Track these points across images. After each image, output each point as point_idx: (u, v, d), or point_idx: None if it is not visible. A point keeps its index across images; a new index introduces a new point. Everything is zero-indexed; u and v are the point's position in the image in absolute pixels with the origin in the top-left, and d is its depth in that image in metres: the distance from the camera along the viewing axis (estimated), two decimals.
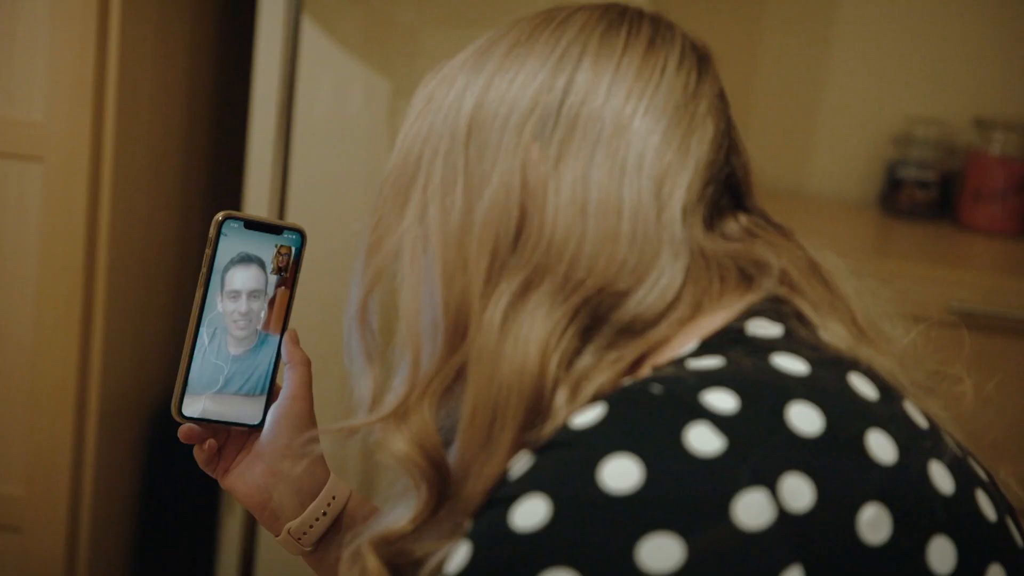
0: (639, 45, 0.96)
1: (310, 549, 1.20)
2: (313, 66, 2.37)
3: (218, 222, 1.15)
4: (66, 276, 2.20)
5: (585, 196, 0.91)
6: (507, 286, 0.90)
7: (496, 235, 0.92)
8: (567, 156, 0.92)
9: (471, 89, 0.96)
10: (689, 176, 0.93)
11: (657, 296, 0.90)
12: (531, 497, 0.79)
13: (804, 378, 0.85)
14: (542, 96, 0.93)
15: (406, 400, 0.94)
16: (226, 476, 1.21)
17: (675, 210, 0.92)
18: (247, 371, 1.19)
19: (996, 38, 2.63)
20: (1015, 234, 2.52)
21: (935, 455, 0.87)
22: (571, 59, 0.94)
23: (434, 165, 0.95)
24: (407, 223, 0.96)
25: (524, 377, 0.88)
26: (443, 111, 0.97)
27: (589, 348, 0.89)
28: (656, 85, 0.94)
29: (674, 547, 0.76)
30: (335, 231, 2.43)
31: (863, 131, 2.69)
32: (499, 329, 0.89)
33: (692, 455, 0.78)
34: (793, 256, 0.96)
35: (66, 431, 2.24)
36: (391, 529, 0.93)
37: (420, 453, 0.92)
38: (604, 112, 0.93)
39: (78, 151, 2.16)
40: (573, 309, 0.89)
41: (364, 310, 1.00)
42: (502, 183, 0.92)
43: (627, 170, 0.91)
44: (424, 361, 0.94)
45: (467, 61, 0.98)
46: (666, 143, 0.93)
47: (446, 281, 0.93)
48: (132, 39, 2.20)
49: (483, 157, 0.93)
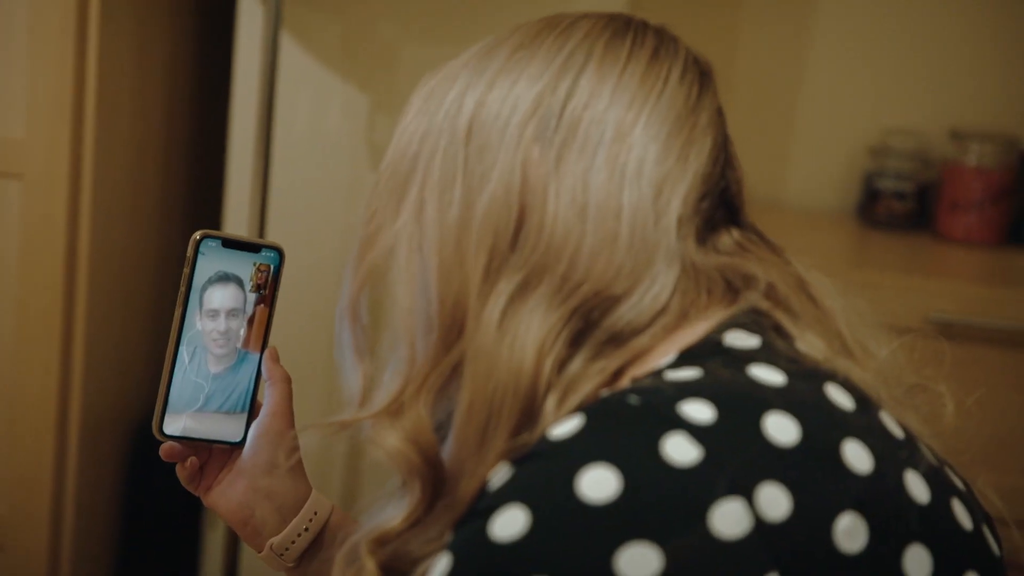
0: (643, 55, 0.96)
1: (292, 565, 1.20)
2: (292, 81, 2.37)
3: (196, 241, 1.16)
4: (46, 293, 2.19)
5: (585, 198, 0.91)
6: (505, 285, 0.91)
7: (495, 233, 0.92)
8: (568, 159, 0.92)
9: (473, 89, 0.96)
10: (687, 186, 0.93)
11: (649, 302, 0.90)
12: (510, 508, 0.79)
13: (781, 389, 0.86)
14: (545, 98, 0.94)
15: (400, 396, 0.94)
16: (208, 493, 1.21)
17: (671, 219, 0.92)
18: (228, 389, 1.20)
19: (972, 49, 2.65)
20: (992, 244, 2.53)
21: (911, 465, 0.87)
22: (575, 64, 0.95)
23: (433, 162, 0.95)
24: (403, 219, 0.96)
25: (520, 378, 0.88)
26: (443, 109, 0.96)
27: (579, 354, 0.89)
28: (659, 95, 0.95)
29: (652, 556, 0.76)
30: (315, 245, 2.44)
31: (840, 142, 2.70)
32: (497, 328, 0.89)
33: (669, 465, 0.79)
34: (781, 272, 0.96)
35: (47, 448, 2.24)
36: (384, 529, 0.93)
37: (414, 449, 0.92)
38: (606, 118, 0.93)
39: (57, 168, 2.16)
40: (569, 312, 0.89)
41: (356, 305, 1.00)
42: (502, 181, 0.92)
43: (627, 175, 0.92)
44: (418, 357, 0.94)
45: (469, 62, 0.98)
46: (666, 152, 0.93)
47: (443, 278, 0.93)
48: (111, 55, 2.20)
49: (483, 155, 0.94)
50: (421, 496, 0.92)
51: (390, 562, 0.93)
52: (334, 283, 2.46)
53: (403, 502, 0.93)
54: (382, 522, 0.94)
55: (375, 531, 0.94)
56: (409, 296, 0.95)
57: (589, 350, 0.89)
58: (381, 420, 0.94)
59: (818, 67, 2.69)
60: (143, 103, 2.40)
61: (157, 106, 2.47)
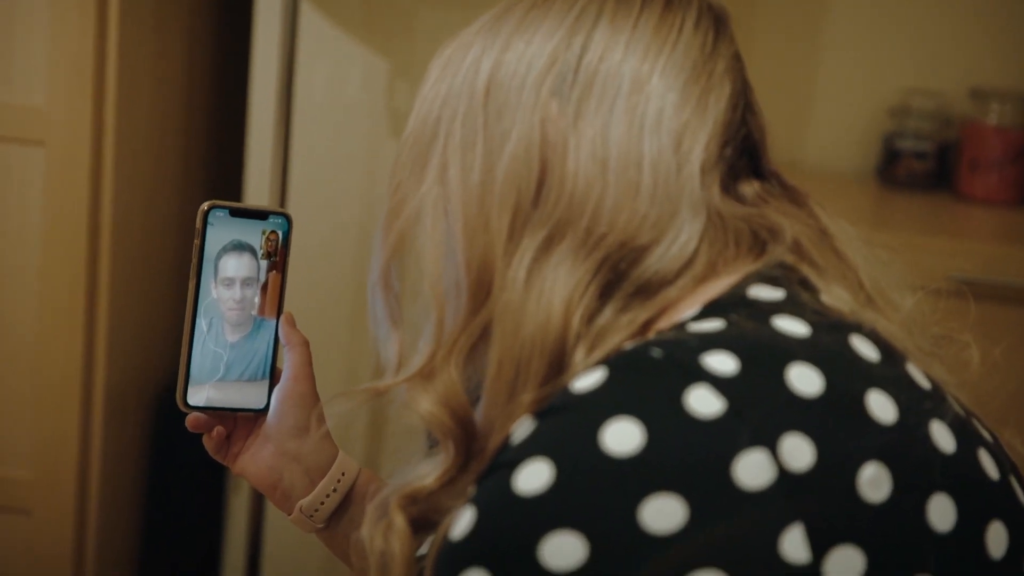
0: (656, 5, 0.96)
1: (322, 526, 1.21)
2: (312, 47, 2.38)
3: (203, 212, 1.17)
4: (70, 261, 2.20)
5: (605, 151, 0.92)
6: (530, 242, 0.91)
7: (517, 191, 0.92)
8: (586, 112, 0.93)
9: (488, 52, 0.96)
10: (707, 134, 0.93)
11: (676, 252, 0.90)
12: (534, 461, 0.80)
13: (805, 340, 0.86)
14: (560, 54, 0.94)
15: (432, 360, 0.94)
16: (236, 461, 1.22)
17: (694, 167, 0.92)
18: (247, 357, 1.20)
19: (991, 8, 2.63)
20: (1013, 203, 2.52)
21: (937, 415, 0.87)
22: (588, 18, 0.95)
23: (453, 126, 0.96)
24: (427, 184, 0.96)
25: (548, 332, 0.88)
26: (461, 74, 0.97)
27: (609, 305, 0.90)
28: (674, 43, 0.95)
29: (676, 507, 0.77)
30: (336, 210, 2.44)
31: (859, 103, 2.69)
32: (523, 285, 0.90)
33: (692, 417, 0.79)
34: (805, 223, 0.96)
35: (72, 415, 2.25)
36: (418, 487, 0.94)
37: (447, 412, 0.92)
38: (622, 69, 0.93)
39: (79, 135, 2.16)
40: (596, 264, 0.90)
41: (387, 274, 1.00)
42: (522, 139, 0.93)
43: (646, 126, 0.92)
44: (448, 320, 0.94)
45: (483, 27, 0.99)
46: (684, 100, 0.93)
47: (468, 239, 0.93)
48: (131, 22, 2.21)
49: (502, 115, 0.94)
50: (455, 456, 0.93)
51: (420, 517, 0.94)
52: (355, 249, 2.47)
53: (437, 461, 0.94)
54: (415, 479, 0.94)
55: (407, 488, 0.94)
56: (436, 260, 0.95)
57: (618, 302, 0.90)
58: (414, 384, 0.94)
59: (837, 28, 2.68)
60: (163, 70, 2.40)
61: (177, 73, 2.47)
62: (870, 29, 2.68)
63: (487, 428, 0.92)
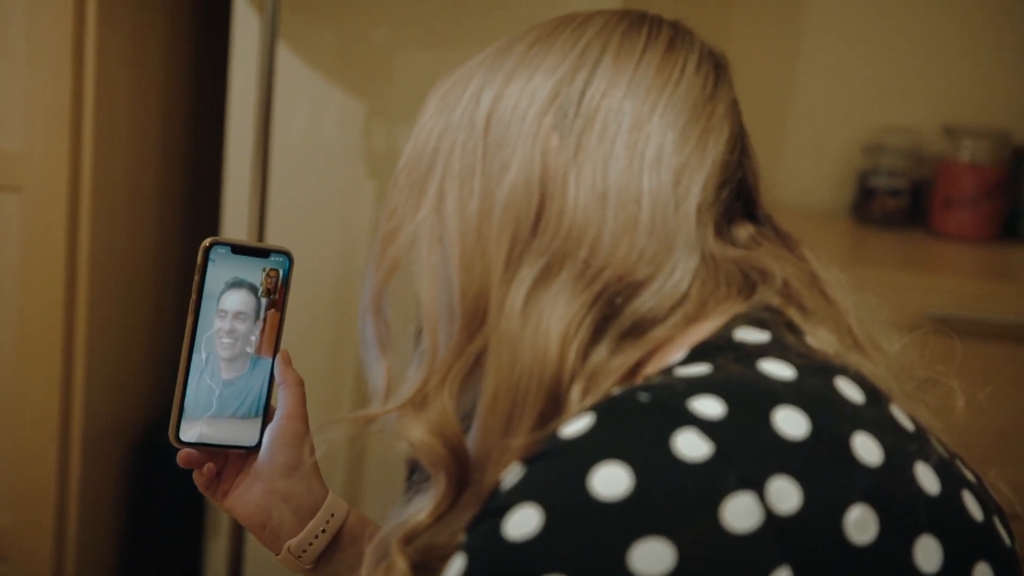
0: (659, 45, 0.97)
1: (310, 567, 1.21)
2: (288, 89, 2.38)
3: (205, 248, 1.16)
4: (47, 304, 2.20)
5: (605, 185, 0.92)
6: (528, 271, 0.91)
7: (516, 220, 0.93)
8: (587, 147, 0.93)
9: (490, 85, 0.97)
10: (705, 174, 0.94)
11: (670, 290, 0.91)
12: (523, 507, 0.80)
13: (790, 383, 0.86)
14: (563, 88, 0.95)
15: (424, 387, 0.94)
16: (226, 498, 1.22)
17: (691, 206, 0.93)
18: (242, 394, 1.20)
19: (963, 46, 2.66)
20: (987, 240, 2.54)
21: (921, 457, 0.88)
22: (592, 56, 0.96)
23: (452, 156, 0.96)
24: (424, 212, 0.97)
25: (545, 364, 0.88)
26: (461, 106, 0.98)
27: (602, 343, 0.90)
28: (676, 84, 0.96)
29: (665, 551, 0.77)
30: (314, 250, 2.44)
31: (834, 141, 2.71)
32: (520, 314, 0.90)
33: (680, 460, 0.79)
34: (795, 267, 0.97)
35: (50, 458, 2.24)
36: (412, 523, 0.93)
37: (439, 441, 0.92)
38: (624, 106, 0.94)
39: (56, 180, 2.16)
40: (593, 297, 0.90)
41: (378, 300, 1.00)
42: (522, 170, 0.93)
43: (646, 163, 0.93)
44: (441, 348, 0.94)
45: (484, 61, 0.99)
46: (684, 140, 0.94)
47: (464, 268, 0.94)
48: (108, 67, 2.21)
49: (502, 146, 0.94)
50: (447, 487, 0.93)
51: (420, 558, 0.93)
52: (333, 287, 2.47)
53: (429, 495, 0.94)
54: (409, 516, 0.94)
55: (403, 527, 0.94)
56: (431, 288, 0.96)
57: (611, 340, 0.90)
58: (406, 412, 0.94)
59: (811, 66, 2.70)
60: (141, 114, 2.40)
61: (154, 116, 2.47)
62: (843, 68, 2.70)
63: (480, 459, 0.91)
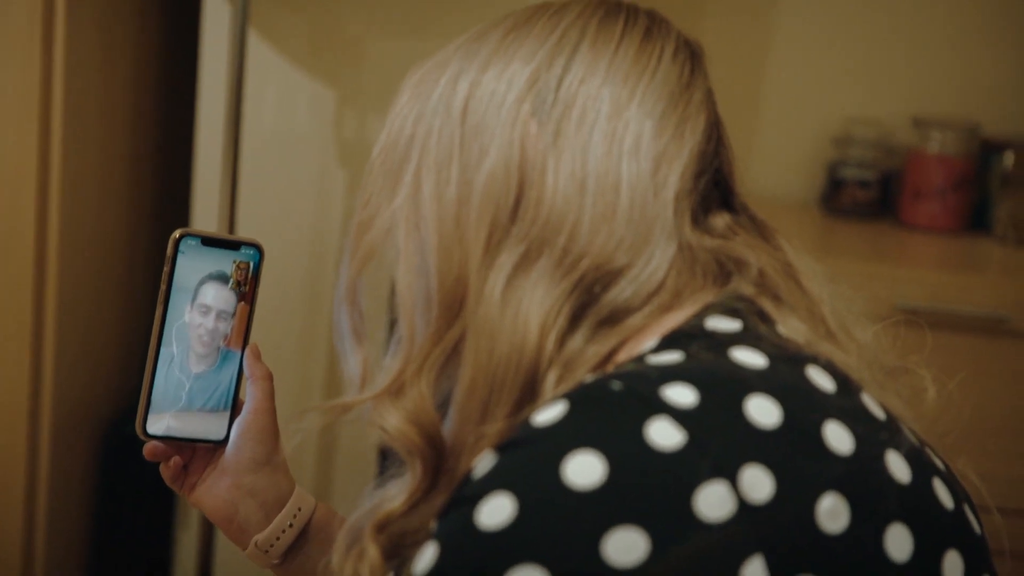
0: (636, 33, 0.98)
1: (277, 561, 1.20)
2: (259, 78, 2.37)
3: (175, 239, 1.15)
4: (16, 293, 2.19)
5: (584, 172, 0.92)
6: (507, 258, 0.91)
7: (495, 206, 0.93)
8: (565, 134, 0.93)
9: (466, 72, 0.97)
10: (683, 162, 0.95)
11: (646, 278, 0.91)
12: (496, 495, 0.80)
13: (762, 371, 0.86)
14: (540, 75, 0.95)
15: (400, 375, 0.94)
16: (192, 492, 1.21)
17: (669, 194, 0.93)
18: (210, 387, 1.20)
19: (932, 38, 2.66)
20: (955, 231, 2.55)
21: (892, 445, 0.88)
22: (569, 42, 0.96)
23: (428, 142, 0.96)
24: (400, 200, 0.97)
25: (523, 353, 0.88)
26: (437, 92, 0.97)
27: (579, 331, 0.90)
28: (653, 72, 0.96)
29: (638, 540, 0.77)
30: (285, 240, 2.44)
31: (803, 132, 2.72)
32: (500, 301, 0.90)
33: (653, 449, 0.79)
34: (771, 257, 0.97)
35: (19, 448, 2.23)
36: (387, 510, 0.93)
37: (416, 430, 0.92)
38: (602, 94, 0.94)
39: (26, 169, 2.15)
40: (571, 285, 0.90)
41: (353, 289, 1.00)
42: (501, 156, 0.93)
43: (625, 150, 0.93)
44: (418, 336, 0.94)
45: (459, 48, 0.99)
46: (662, 128, 0.95)
47: (442, 254, 0.93)
48: (77, 55, 2.20)
49: (480, 132, 0.94)
50: (423, 475, 0.92)
51: (391, 544, 0.93)
52: (304, 278, 2.46)
53: (403, 481, 0.94)
54: (383, 502, 0.94)
55: (376, 513, 0.94)
56: (408, 276, 0.95)
57: (588, 328, 0.90)
58: (382, 401, 0.94)
59: (780, 57, 2.70)
60: (110, 103, 2.39)
61: (124, 105, 2.46)
62: (813, 58, 2.70)
63: (456, 447, 0.91)
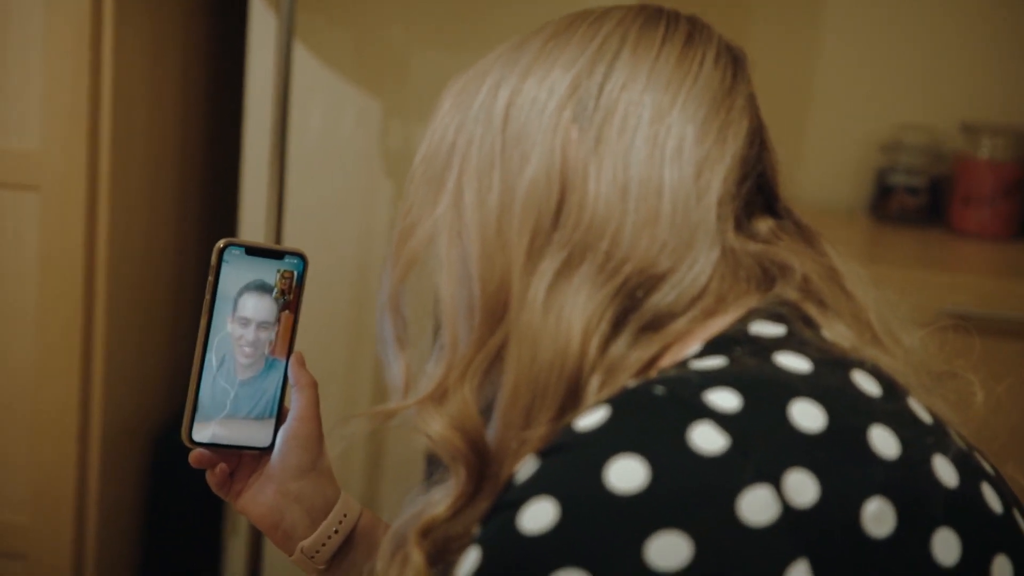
0: (678, 39, 0.97)
1: (323, 567, 1.21)
2: (305, 89, 2.38)
3: (219, 249, 1.16)
4: (65, 304, 2.20)
5: (626, 177, 0.92)
6: (549, 264, 0.91)
7: (537, 212, 0.92)
8: (607, 139, 0.93)
9: (507, 80, 0.97)
10: (726, 167, 0.94)
11: (689, 283, 0.91)
12: (539, 500, 0.79)
13: (807, 376, 0.86)
14: (581, 81, 0.95)
15: (444, 382, 0.94)
16: (239, 499, 1.22)
17: (712, 199, 0.93)
18: (255, 395, 1.20)
19: (982, 43, 2.65)
20: (1005, 237, 2.53)
21: (939, 449, 0.87)
22: (610, 48, 0.96)
23: (470, 150, 0.96)
24: (442, 208, 0.97)
25: (567, 358, 0.88)
26: (478, 101, 0.97)
27: (622, 336, 0.90)
28: (695, 77, 0.96)
29: (681, 544, 0.76)
30: (331, 250, 2.45)
31: (852, 139, 2.71)
32: (542, 307, 0.90)
33: (696, 454, 0.79)
34: (816, 262, 0.97)
35: (69, 457, 2.25)
36: (431, 516, 0.93)
37: (459, 435, 0.92)
38: (644, 99, 0.94)
39: (74, 179, 2.17)
40: (614, 290, 0.90)
41: (396, 297, 1.00)
42: (542, 163, 0.93)
43: (667, 155, 0.93)
44: (461, 342, 0.94)
45: (500, 56, 0.99)
46: (704, 133, 0.94)
47: (485, 261, 0.93)
48: (125, 66, 2.21)
49: (521, 139, 0.94)
50: (467, 481, 0.92)
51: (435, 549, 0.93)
52: (350, 287, 2.47)
53: (448, 487, 0.94)
54: (427, 508, 0.94)
55: (420, 519, 0.94)
56: (450, 283, 0.95)
57: (631, 333, 0.90)
58: (426, 407, 0.94)
59: (828, 65, 2.69)
60: (158, 113, 2.41)
61: (172, 116, 2.48)
62: (862, 65, 2.69)
63: (500, 453, 0.91)
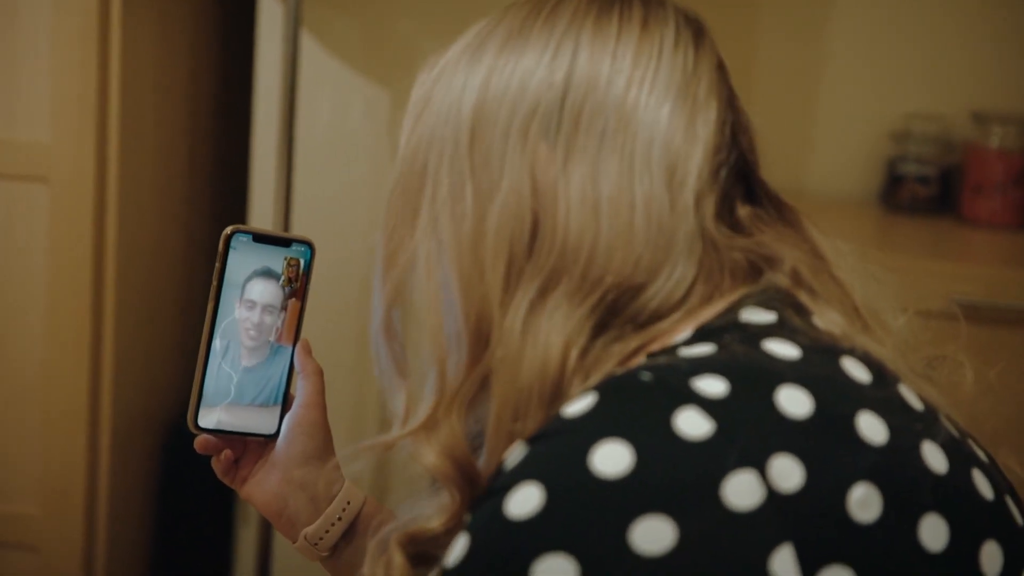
0: (633, 28, 0.95)
1: (327, 554, 1.21)
2: (313, 79, 2.39)
3: (227, 236, 1.17)
4: (75, 295, 2.21)
5: (596, 194, 0.91)
6: (524, 294, 0.90)
7: (511, 242, 0.91)
8: (574, 153, 0.91)
9: (469, 88, 0.95)
10: (699, 161, 0.93)
11: (671, 288, 0.90)
12: (525, 485, 0.80)
13: (795, 362, 0.86)
14: (543, 94, 0.93)
15: (435, 411, 0.94)
16: (243, 485, 1.23)
17: (688, 199, 0.92)
18: (261, 382, 1.21)
19: (992, 32, 2.64)
20: (1016, 227, 2.52)
21: (928, 435, 0.87)
22: (567, 51, 0.94)
23: (440, 173, 0.95)
24: (419, 234, 0.96)
25: (545, 376, 0.88)
26: (444, 113, 0.96)
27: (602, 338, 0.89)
28: (655, 70, 0.94)
29: (666, 529, 0.77)
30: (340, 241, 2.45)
31: (861, 128, 2.70)
32: (520, 336, 0.89)
33: (682, 439, 0.79)
34: (802, 250, 0.96)
35: (80, 449, 2.26)
36: (422, 529, 0.94)
37: (449, 463, 0.92)
38: (606, 104, 0.92)
39: (83, 171, 2.17)
40: (592, 306, 0.89)
41: (388, 323, 1.00)
42: (512, 189, 0.92)
43: (636, 163, 0.91)
44: (450, 371, 0.94)
45: (461, 58, 0.98)
46: (672, 130, 0.92)
47: (464, 291, 0.93)
48: (133, 57, 2.22)
49: (489, 162, 0.93)
50: (460, 503, 0.93)
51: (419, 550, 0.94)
52: (359, 279, 2.47)
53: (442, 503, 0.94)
54: (419, 520, 0.95)
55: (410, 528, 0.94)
56: (435, 312, 0.95)
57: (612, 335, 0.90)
58: (419, 436, 0.94)
59: (838, 54, 2.68)
60: (166, 104, 2.41)
61: (180, 107, 2.48)
62: (871, 54, 2.68)
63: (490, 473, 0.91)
